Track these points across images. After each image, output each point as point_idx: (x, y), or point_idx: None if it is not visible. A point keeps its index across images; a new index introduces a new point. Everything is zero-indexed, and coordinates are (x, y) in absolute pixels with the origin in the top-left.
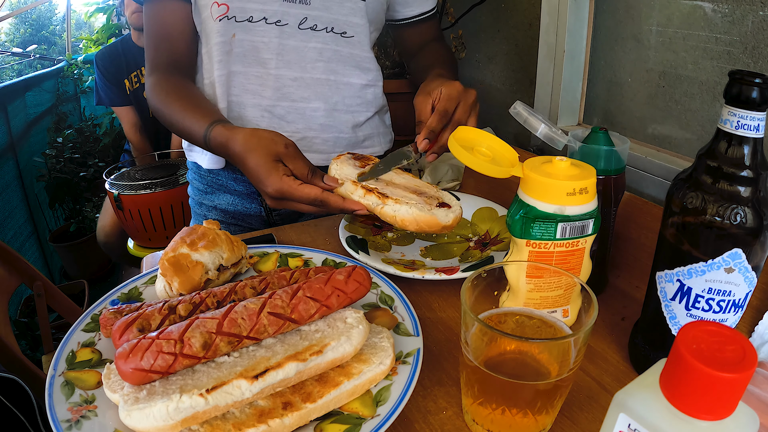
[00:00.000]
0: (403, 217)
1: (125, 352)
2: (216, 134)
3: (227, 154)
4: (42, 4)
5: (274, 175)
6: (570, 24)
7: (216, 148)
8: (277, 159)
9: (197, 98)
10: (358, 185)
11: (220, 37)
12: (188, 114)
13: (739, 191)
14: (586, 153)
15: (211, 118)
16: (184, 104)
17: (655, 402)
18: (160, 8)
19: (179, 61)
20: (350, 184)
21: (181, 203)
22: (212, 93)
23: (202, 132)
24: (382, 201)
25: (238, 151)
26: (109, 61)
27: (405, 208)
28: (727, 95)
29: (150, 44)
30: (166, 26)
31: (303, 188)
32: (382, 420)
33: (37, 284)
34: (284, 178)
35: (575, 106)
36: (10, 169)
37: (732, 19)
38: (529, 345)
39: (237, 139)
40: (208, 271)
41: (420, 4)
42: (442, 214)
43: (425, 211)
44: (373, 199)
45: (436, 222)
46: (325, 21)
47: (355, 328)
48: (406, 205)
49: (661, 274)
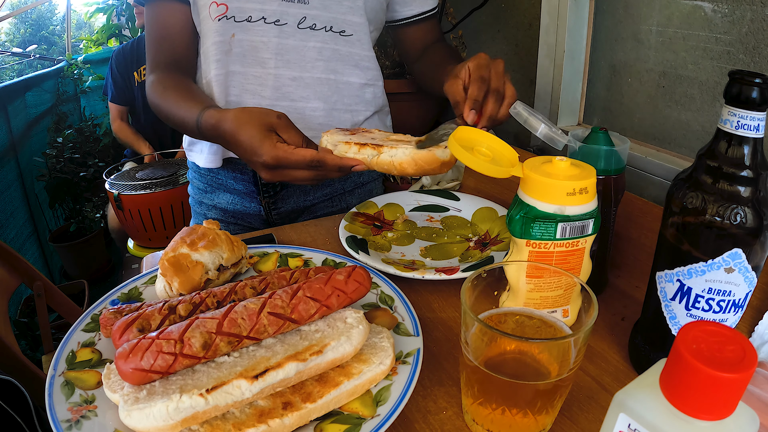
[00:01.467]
0: (401, 159)
1: (125, 352)
2: (207, 117)
3: (218, 134)
4: (42, 4)
5: (267, 142)
6: (570, 24)
7: (207, 132)
8: (271, 129)
9: (193, 90)
10: (350, 144)
11: (219, 37)
12: (182, 103)
13: (739, 191)
14: (586, 153)
15: (203, 104)
16: (179, 95)
17: (655, 402)
18: (160, 9)
19: (180, 61)
20: (343, 145)
21: (181, 203)
22: (210, 92)
23: (194, 118)
24: (378, 150)
25: (230, 128)
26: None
27: (401, 150)
28: (727, 95)
29: (151, 44)
30: (167, 27)
31: (298, 151)
32: (382, 420)
33: (37, 284)
34: (278, 144)
35: (575, 106)
36: (11, 169)
37: (732, 19)
38: (529, 345)
39: (228, 117)
40: (208, 271)
41: (420, 4)
42: (440, 150)
43: (423, 150)
44: (368, 151)
45: (434, 158)
46: (324, 20)
47: (355, 328)
48: (402, 147)
49: (661, 274)
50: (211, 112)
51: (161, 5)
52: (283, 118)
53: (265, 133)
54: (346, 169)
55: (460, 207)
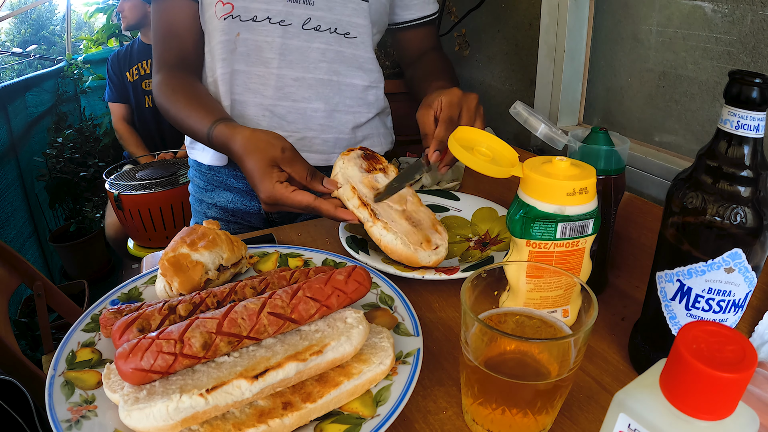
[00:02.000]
0: (387, 244)
1: (125, 352)
2: (218, 133)
3: (229, 152)
4: (42, 4)
5: (267, 181)
6: (570, 24)
7: (219, 146)
8: (273, 164)
9: (202, 96)
10: (355, 193)
11: (224, 36)
12: (193, 112)
13: (739, 191)
14: (586, 153)
15: (214, 116)
16: (189, 102)
17: (655, 402)
18: (168, 6)
19: (187, 58)
20: (349, 189)
21: (181, 203)
22: (216, 91)
23: (205, 130)
24: (372, 220)
25: (237, 151)
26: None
27: (391, 236)
28: (727, 95)
29: (158, 42)
30: (175, 24)
31: (295, 195)
32: (382, 420)
33: (37, 284)
34: (277, 185)
35: (575, 106)
36: (11, 169)
37: (732, 19)
38: (529, 345)
39: (237, 140)
40: (208, 271)
41: (421, 8)
42: (425, 255)
43: (408, 248)
44: (365, 214)
45: (416, 260)
46: (329, 21)
47: (355, 328)
48: (393, 234)
49: (661, 274)
50: (222, 128)
51: (169, 2)
52: (288, 150)
53: (267, 170)
54: (338, 220)
55: (460, 207)
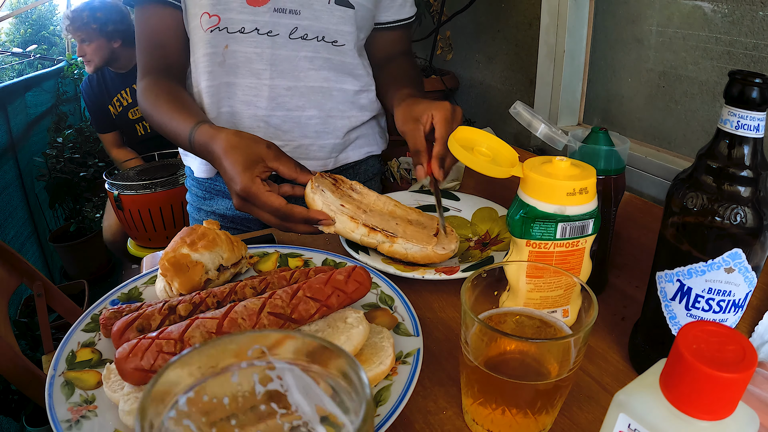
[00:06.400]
0: (415, 254)
1: (125, 352)
2: (200, 133)
3: (208, 152)
4: (42, 4)
5: (247, 174)
6: (570, 24)
7: (199, 148)
8: (258, 160)
9: (186, 101)
10: (358, 223)
11: (210, 48)
12: (175, 115)
13: (739, 191)
14: (586, 153)
15: (197, 118)
16: (172, 106)
17: (655, 402)
18: (152, 13)
19: (172, 66)
20: (348, 220)
21: (181, 203)
22: (200, 102)
23: (187, 132)
24: (390, 240)
25: (219, 149)
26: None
27: (417, 247)
28: (727, 95)
29: (142, 49)
30: (159, 32)
31: (269, 195)
32: (382, 420)
33: (37, 284)
34: (257, 180)
35: (575, 106)
36: (11, 169)
37: (732, 19)
38: (529, 345)
39: (220, 137)
40: (208, 271)
41: (397, 11)
42: (448, 245)
43: (436, 248)
44: (379, 237)
45: (445, 255)
46: (316, 30)
47: (355, 328)
48: (417, 244)
49: (661, 274)
50: (204, 128)
51: (152, 8)
52: (273, 148)
53: (249, 164)
54: (312, 221)
55: (460, 207)
